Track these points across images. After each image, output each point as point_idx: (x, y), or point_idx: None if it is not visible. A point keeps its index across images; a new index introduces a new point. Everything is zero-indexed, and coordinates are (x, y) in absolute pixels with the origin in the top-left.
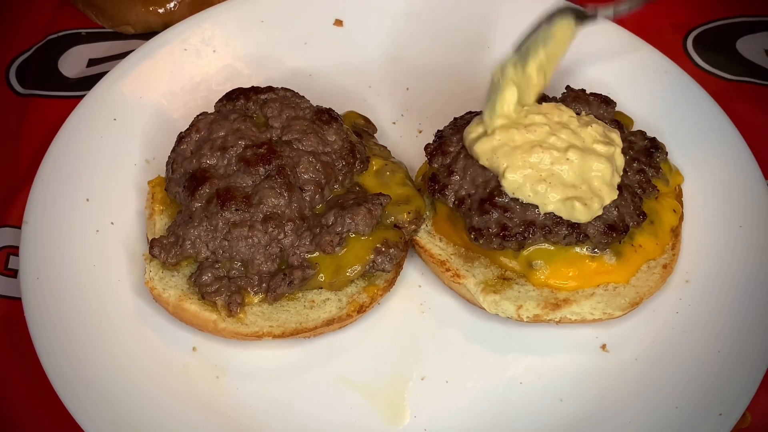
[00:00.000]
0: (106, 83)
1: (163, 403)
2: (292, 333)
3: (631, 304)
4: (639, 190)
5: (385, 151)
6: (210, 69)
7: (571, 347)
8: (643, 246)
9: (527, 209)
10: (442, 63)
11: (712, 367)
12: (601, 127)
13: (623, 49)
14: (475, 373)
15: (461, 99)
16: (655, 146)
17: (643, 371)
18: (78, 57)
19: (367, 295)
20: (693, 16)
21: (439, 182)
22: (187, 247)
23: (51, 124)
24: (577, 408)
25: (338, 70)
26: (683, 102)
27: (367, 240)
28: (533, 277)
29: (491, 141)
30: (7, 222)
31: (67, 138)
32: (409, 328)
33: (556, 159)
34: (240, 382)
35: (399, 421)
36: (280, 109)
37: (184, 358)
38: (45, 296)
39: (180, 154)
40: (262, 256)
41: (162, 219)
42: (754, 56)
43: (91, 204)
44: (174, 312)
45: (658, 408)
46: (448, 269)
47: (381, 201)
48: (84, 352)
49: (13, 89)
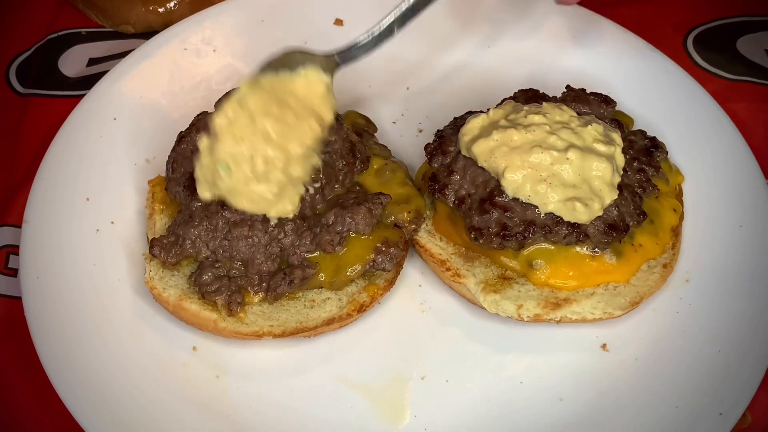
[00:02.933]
0: (106, 83)
1: (163, 403)
2: (292, 332)
3: (632, 304)
4: (639, 190)
5: (385, 150)
6: (210, 68)
7: (572, 347)
8: (643, 245)
9: (527, 209)
10: (442, 63)
11: (712, 367)
12: (602, 127)
13: (624, 49)
14: (476, 373)
15: (461, 99)
16: (656, 145)
17: (643, 371)
18: (78, 56)
19: (367, 294)
20: (693, 16)
21: (439, 182)
22: (187, 247)
23: (51, 123)
24: (578, 407)
25: (338, 70)
26: (683, 101)
27: (367, 239)
28: (533, 276)
29: (488, 142)
30: (7, 221)
31: (67, 137)
32: (409, 328)
33: (556, 159)
34: (240, 381)
35: (399, 420)
36: None
37: (184, 358)
38: (45, 295)
39: (180, 154)
40: (263, 255)
41: (162, 218)
42: (755, 56)
43: (91, 203)
44: (174, 311)
45: (658, 407)
46: (448, 269)
47: (381, 200)
48: (84, 351)
49: (13, 89)
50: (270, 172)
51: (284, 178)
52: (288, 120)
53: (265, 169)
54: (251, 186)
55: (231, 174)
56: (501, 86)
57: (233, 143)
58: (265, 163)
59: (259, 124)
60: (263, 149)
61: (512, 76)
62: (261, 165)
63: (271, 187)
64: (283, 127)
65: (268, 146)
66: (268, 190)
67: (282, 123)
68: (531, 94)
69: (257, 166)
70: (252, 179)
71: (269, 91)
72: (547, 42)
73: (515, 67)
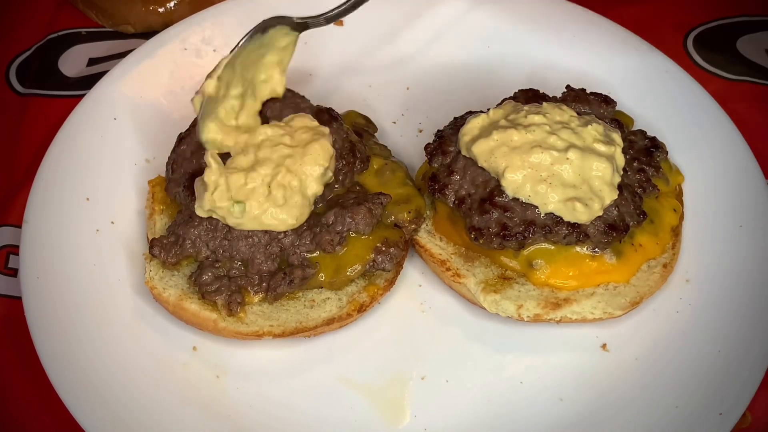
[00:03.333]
0: (106, 83)
1: (163, 403)
2: (292, 332)
3: (632, 304)
4: (639, 190)
5: (385, 150)
6: (210, 68)
7: (572, 347)
8: (643, 245)
9: (527, 209)
10: (442, 63)
11: (712, 367)
12: (602, 127)
13: (624, 49)
14: (476, 373)
15: (461, 99)
16: (656, 145)
17: (643, 370)
18: (78, 56)
19: (367, 294)
20: (693, 16)
21: (439, 182)
22: (187, 247)
23: (51, 123)
24: (578, 407)
25: (339, 70)
26: (683, 101)
27: (367, 239)
28: (533, 276)
29: (489, 142)
30: (7, 221)
31: (67, 137)
32: (409, 328)
33: (556, 159)
34: (240, 381)
35: (399, 420)
36: (280, 109)
37: (184, 358)
38: (45, 295)
39: (180, 155)
40: (262, 255)
41: (162, 218)
42: (754, 56)
43: (91, 203)
44: (174, 311)
45: (658, 407)
46: (448, 269)
47: (381, 200)
48: (84, 351)
49: (13, 89)
50: (291, 197)
51: (301, 199)
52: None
53: (284, 195)
54: (270, 213)
55: (244, 210)
56: (501, 86)
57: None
58: (283, 189)
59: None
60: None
61: (512, 76)
62: (279, 193)
63: (292, 212)
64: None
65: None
66: (289, 216)
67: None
68: (531, 94)
69: (276, 195)
70: (270, 207)
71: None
72: (548, 42)
73: (515, 67)
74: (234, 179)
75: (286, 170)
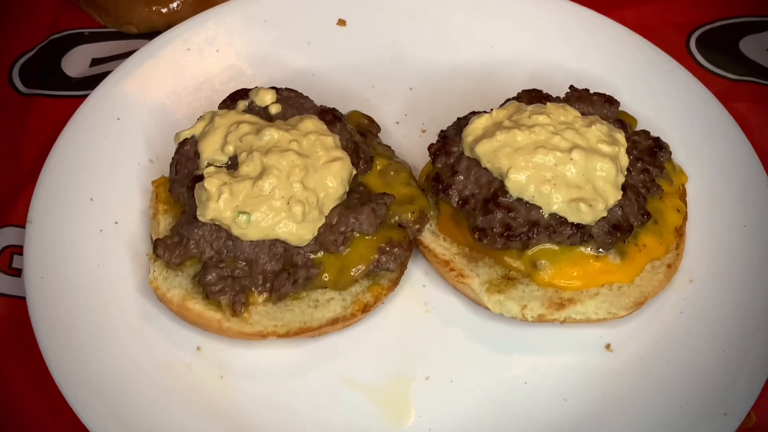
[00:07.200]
0: (109, 83)
1: (167, 403)
2: (296, 332)
3: (636, 304)
4: (643, 190)
5: (388, 150)
6: (213, 69)
7: (576, 347)
8: (647, 246)
9: (531, 209)
10: (445, 63)
11: (716, 367)
12: (606, 127)
13: (626, 49)
14: (480, 373)
15: (464, 99)
16: (659, 146)
17: (647, 371)
18: (81, 57)
19: (371, 294)
20: (696, 16)
21: (442, 182)
22: (191, 247)
23: (54, 123)
24: (582, 407)
25: (342, 70)
26: (687, 102)
27: (371, 239)
28: (538, 276)
29: (492, 142)
30: (10, 221)
31: (70, 137)
32: (413, 328)
33: (560, 159)
34: (244, 381)
35: (403, 420)
36: (284, 109)
37: (189, 358)
38: (49, 296)
39: (183, 156)
40: (267, 255)
41: (166, 219)
42: (757, 56)
43: (94, 204)
44: (178, 312)
45: (662, 408)
46: (452, 269)
47: (385, 201)
48: (88, 352)
49: (16, 89)
50: (309, 213)
51: (318, 215)
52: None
53: (303, 211)
54: (289, 229)
55: (249, 221)
56: (504, 87)
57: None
58: (302, 206)
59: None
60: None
61: (515, 77)
62: (299, 209)
63: (309, 227)
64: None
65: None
66: (307, 232)
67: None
68: (534, 94)
69: (296, 211)
70: (286, 220)
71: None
72: (551, 43)
73: (518, 67)
74: (239, 188)
75: (303, 187)
